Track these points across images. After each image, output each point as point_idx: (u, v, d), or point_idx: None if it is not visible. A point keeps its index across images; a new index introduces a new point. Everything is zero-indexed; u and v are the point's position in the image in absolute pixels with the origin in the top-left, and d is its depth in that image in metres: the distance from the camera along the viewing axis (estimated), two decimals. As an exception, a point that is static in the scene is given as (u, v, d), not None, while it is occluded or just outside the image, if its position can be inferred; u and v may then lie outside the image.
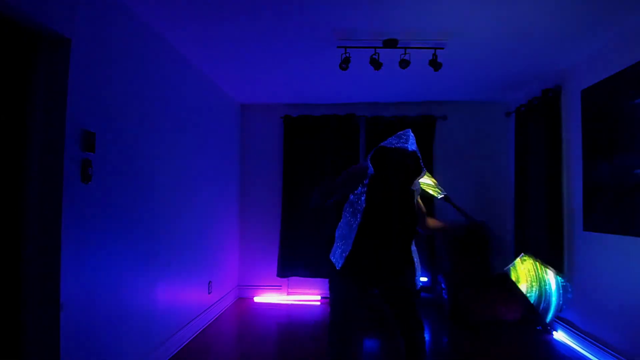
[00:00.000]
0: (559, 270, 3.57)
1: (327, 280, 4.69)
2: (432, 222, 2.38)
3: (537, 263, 2.30)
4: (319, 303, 4.92)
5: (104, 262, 2.35)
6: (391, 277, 2.11)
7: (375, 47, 3.14)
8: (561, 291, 2.22)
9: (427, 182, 2.47)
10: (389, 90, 4.52)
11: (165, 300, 3.12)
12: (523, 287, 2.29)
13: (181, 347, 3.33)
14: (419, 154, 2.06)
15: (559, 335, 3.63)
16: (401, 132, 2.07)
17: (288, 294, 5.07)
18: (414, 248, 2.15)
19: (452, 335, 3.84)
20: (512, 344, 3.53)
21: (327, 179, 2.09)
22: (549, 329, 3.78)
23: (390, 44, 3.09)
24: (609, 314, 3.03)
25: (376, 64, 3.18)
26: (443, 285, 4.33)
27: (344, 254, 2.05)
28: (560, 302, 2.21)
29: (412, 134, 2.05)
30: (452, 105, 4.95)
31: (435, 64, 3.16)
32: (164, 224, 3.10)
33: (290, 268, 4.92)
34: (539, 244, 3.83)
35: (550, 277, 2.27)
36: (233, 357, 3.30)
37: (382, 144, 2.05)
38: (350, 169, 2.10)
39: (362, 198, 2.01)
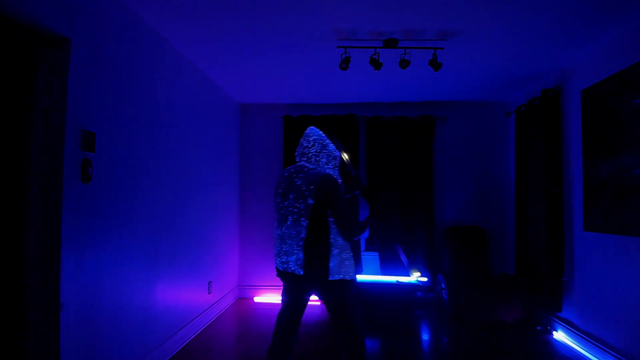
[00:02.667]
0: (559, 271, 3.58)
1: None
2: None
3: None
4: (318, 303, 4.91)
5: (104, 262, 2.35)
6: None
7: (375, 47, 3.14)
8: None
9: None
10: (389, 90, 4.52)
11: (165, 300, 3.12)
12: None
13: (181, 347, 3.33)
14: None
15: (559, 335, 3.63)
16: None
17: (288, 294, 5.07)
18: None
19: (452, 335, 3.83)
20: (512, 344, 3.53)
21: (351, 213, 2.21)
22: (548, 328, 3.79)
23: (390, 44, 3.09)
24: (609, 314, 3.03)
25: (376, 64, 3.18)
26: (443, 285, 4.33)
27: (355, 264, 2.26)
28: None
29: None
30: (452, 105, 4.96)
31: (435, 64, 3.16)
32: (164, 223, 3.10)
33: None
34: (539, 244, 3.84)
35: None
36: (233, 357, 3.30)
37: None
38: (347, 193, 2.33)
39: None
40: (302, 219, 2.08)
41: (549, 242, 3.63)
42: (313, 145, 2.22)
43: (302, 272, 2.07)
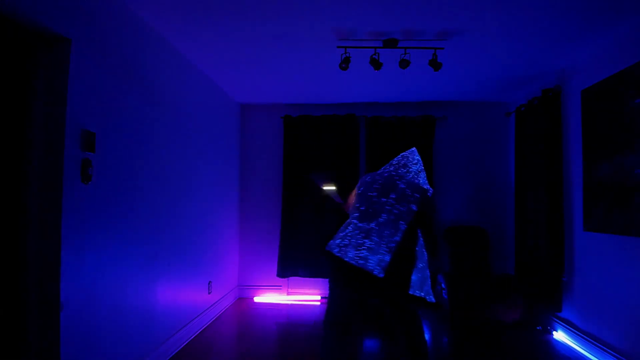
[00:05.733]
0: (559, 271, 3.57)
1: (327, 280, 4.72)
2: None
3: None
4: (318, 303, 4.92)
5: (104, 262, 2.35)
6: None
7: (375, 47, 3.14)
8: None
9: None
10: (389, 90, 4.52)
11: (165, 300, 3.12)
12: None
13: (181, 347, 3.33)
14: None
15: (559, 335, 3.63)
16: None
17: (288, 294, 5.07)
18: None
19: (452, 335, 3.83)
20: (512, 344, 3.53)
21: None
22: (548, 328, 3.78)
23: (390, 44, 3.09)
24: (609, 314, 3.03)
25: (376, 64, 3.18)
26: (443, 285, 4.33)
27: None
28: None
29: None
30: (452, 105, 4.96)
31: (435, 64, 3.16)
32: (164, 223, 3.10)
33: (290, 268, 4.92)
34: (539, 244, 3.84)
35: None
36: (233, 357, 3.30)
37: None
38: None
39: None
40: (401, 222, 2.00)
41: (549, 242, 3.63)
42: (417, 164, 2.28)
43: (382, 276, 1.95)
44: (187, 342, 3.45)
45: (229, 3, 2.56)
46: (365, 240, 2.02)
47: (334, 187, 2.58)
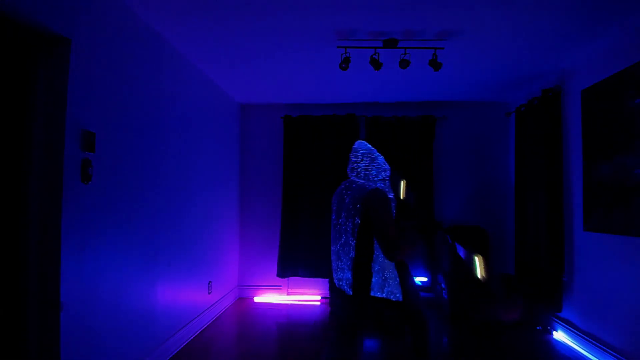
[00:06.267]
0: (559, 271, 3.57)
1: (327, 280, 4.72)
2: None
3: None
4: (319, 303, 4.92)
5: (104, 262, 2.35)
6: None
7: (375, 47, 3.14)
8: None
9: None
10: (389, 90, 4.52)
11: (165, 300, 3.12)
12: None
13: (181, 347, 3.33)
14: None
15: (559, 335, 3.63)
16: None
17: (288, 294, 5.07)
18: None
19: (452, 335, 3.83)
20: (512, 344, 3.53)
21: (392, 229, 1.95)
22: (548, 328, 3.78)
23: (390, 44, 3.09)
24: (609, 314, 3.03)
25: (376, 64, 3.18)
26: (443, 285, 4.33)
27: None
28: None
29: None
30: (452, 105, 4.96)
31: (435, 64, 3.16)
32: (163, 223, 3.10)
33: (290, 268, 4.92)
34: (539, 244, 3.84)
35: None
36: (233, 357, 3.30)
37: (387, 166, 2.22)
38: (391, 205, 2.10)
39: None
40: (350, 238, 2.04)
41: (549, 242, 3.63)
42: (362, 160, 2.21)
43: (350, 292, 2.04)
44: (187, 342, 3.45)
45: (229, 3, 2.56)
46: (338, 263, 2.13)
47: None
